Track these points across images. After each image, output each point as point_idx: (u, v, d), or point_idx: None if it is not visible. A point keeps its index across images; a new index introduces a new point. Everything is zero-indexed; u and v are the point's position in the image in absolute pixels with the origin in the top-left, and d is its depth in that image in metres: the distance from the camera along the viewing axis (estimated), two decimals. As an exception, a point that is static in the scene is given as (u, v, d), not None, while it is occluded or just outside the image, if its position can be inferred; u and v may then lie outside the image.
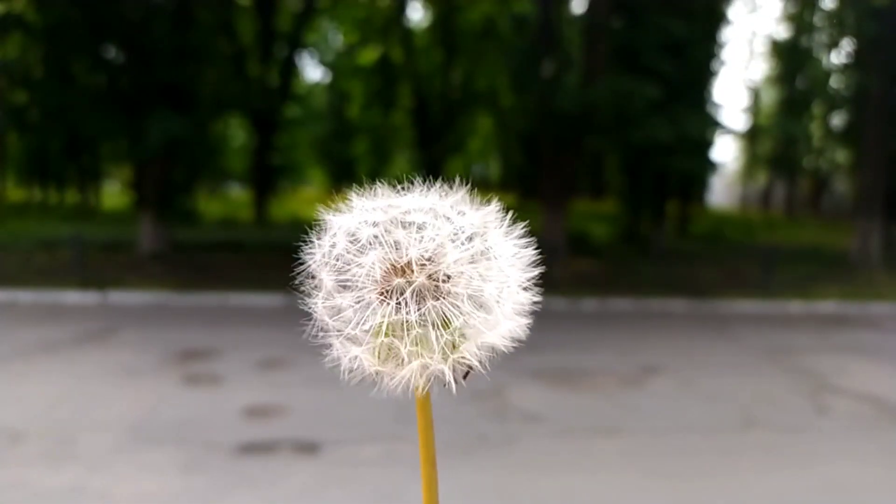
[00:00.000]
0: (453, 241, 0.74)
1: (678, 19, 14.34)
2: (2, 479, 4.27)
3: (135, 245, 14.92)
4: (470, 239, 0.74)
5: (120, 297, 10.70)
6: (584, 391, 6.49)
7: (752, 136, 36.11)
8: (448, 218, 0.75)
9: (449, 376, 0.72)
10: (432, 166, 26.11)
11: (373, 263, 0.73)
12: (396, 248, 0.73)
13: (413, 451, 4.78)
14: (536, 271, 0.75)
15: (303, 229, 0.80)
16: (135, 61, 13.96)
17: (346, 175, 45.30)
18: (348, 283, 0.74)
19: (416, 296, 0.71)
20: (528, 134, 22.99)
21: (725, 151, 70.16)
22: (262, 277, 12.14)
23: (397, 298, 0.71)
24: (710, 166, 17.81)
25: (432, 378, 0.71)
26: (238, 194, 39.53)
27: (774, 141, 33.55)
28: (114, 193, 35.65)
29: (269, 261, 14.22)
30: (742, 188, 42.46)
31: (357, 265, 0.73)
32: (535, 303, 0.75)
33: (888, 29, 15.19)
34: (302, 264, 0.78)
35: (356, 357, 0.72)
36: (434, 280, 0.71)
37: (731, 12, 34.87)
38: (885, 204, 16.24)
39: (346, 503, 4.08)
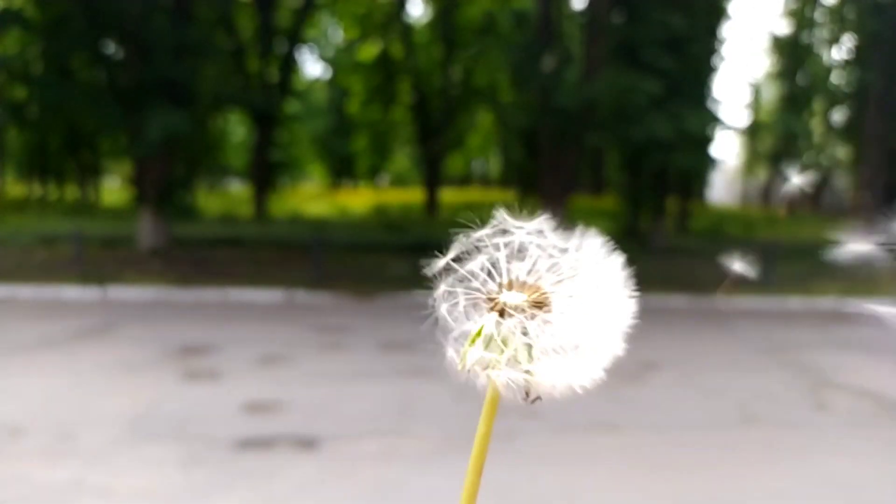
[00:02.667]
0: (563, 276, 0.77)
1: (678, 15, 14.32)
2: (2, 473, 4.27)
3: (134, 241, 14.92)
4: (581, 279, 0.77)
5: (119, 292, 10.70)
6: (583, 387, 6.49)
7: (752, 132, 36.09)
8: (565, 254, 0.78)
9: (521, 394, 0.75)
10: (432, 162, 26.12)
11: (481, 270, 0.76)
12: (505, 268, 0.76)
13: (412, 446, 4.79)
14: (632, 321, 0.79)
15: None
16: (134, 57, 13.94)
17: (345, 171, 45.33)
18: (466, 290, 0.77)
19: (518, 314, 0.73)
20: (527, 130, 22.96)
21: (725, 148, 70.13)
22: (262, 273, 12.15)
23: (501, 308, 0.74)
24: (710, 162, 17.81)
25: (508, 389, 0.74)
26: (238, 190, 39.52)
27: (775, 137, 33.53)
28: (113, 189, 35.63)
29: (269, 257, 14.22)
30: (742, 184, 42.45)
31: (470, 272, 0.77)
32: (618, 356, 0.78)
33: (888, 25, 15.17)
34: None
35: (451, 355, 0.76)
36: (537, 305, 0.74)
37: (732, 8, 34.81)
38: (884, 199, 16.25)
39: (345, 498, 4.09)
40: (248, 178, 32.89)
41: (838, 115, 28.89)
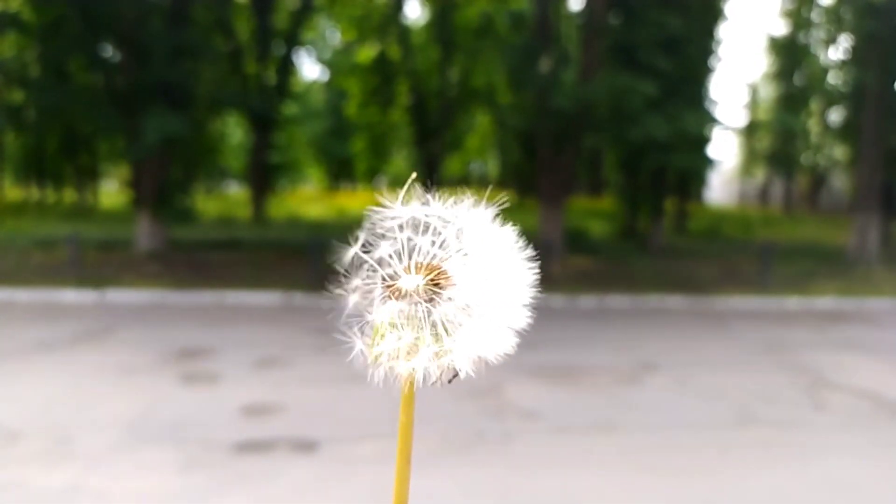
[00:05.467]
0: (460, 251, 0.77)
1: (675, 16, 14.34)
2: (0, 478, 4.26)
3: (132, 244, 14.90)
4: (479, 252, 0.77)
5: (117, 295, 10.68)
6: (582, 388, 6.49)
7: (749, 133, 36.14)
8: (459, 228, 0.78)
9: (436, 377, 0.74)
10: (430, 164, 26.13)
11: (380, 262, 0.77)
12: (405, 251, 0.77)
13: (412, 448, 4.78)
14: (534, 291, 0.78)
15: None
16: (131, 60, 13.93)
17: (344, 173, 45.32)
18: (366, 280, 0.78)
19: (417, 298, 0.74)
20: (525, 131, 22.97)
21: (723, 148, 70.19)
22: (260, 276, 12.14)
23: (401, 296, 0.74)
24: (708, 163, 17.81)
25: (419, 377, 0.73)
26: (236, 193, 39.51)
27: (772, 137, 33.58)
28: (111, 192, 35.61)
29: (267, 259, 14.21)
30: (740, 185, 42.50)
31: (369, 263, 0.77)
32: (528, 322, 0.77)
33: (886, 25, 15.20)
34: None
35: (360, 349, 0.75)
36: (435, 285, 0.74)
37: (729, 8, 34.88)
38: (882, 200, 16.27)
39: (343, 501, 4.08)
40: (246, 181, 32.90)
41: (835, 115, 28.92)
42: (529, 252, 0.80)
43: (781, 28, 34.96)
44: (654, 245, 17.57)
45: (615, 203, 22.87)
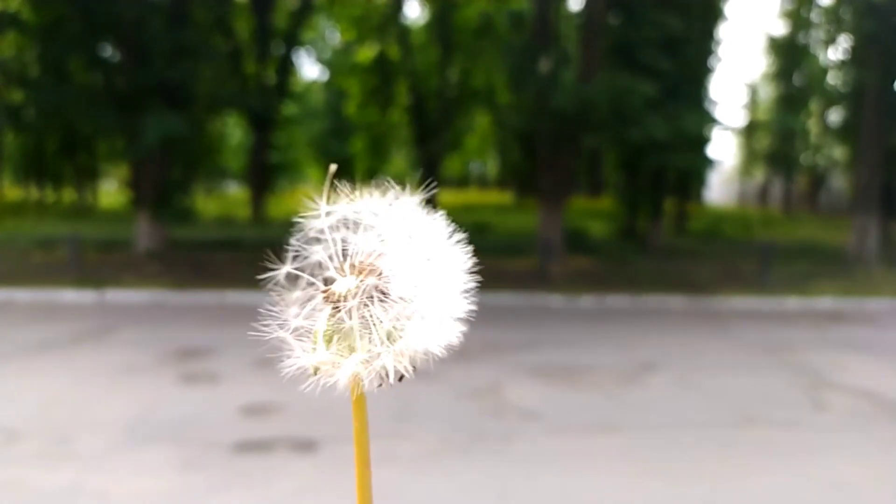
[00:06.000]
0: (394, 245, 0.75)
1: (675, 16, 14.34)
2: (-1, 478, 4.26)
3: (132, 244, 14.89)
4: (411, 244, 0.76)
5: (117, 295, 10.68)
6: (582, 388, 6.49)
7: (749, 133, 36.15)
8: (391, 221, 0.77)
9: (390, 375, 0.72)
10: (430, 164, 26.12)
11: (316, 262, 0.76)
12: (341, 249, 0.75)
13: (409, 449, 4.78)
14: (472, 281, 0.76)
15: (300, 227, 0.82)
16: (131, 59, 13.92)
17: (343, 173, 45.28)
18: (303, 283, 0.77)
19: (354, 297, 0.72)
20: (525, 131, 22.96)
21: (723, 148, 70.21)
22: (260, 276, 12.11)
23: (337, 298, 0.72)
24: (708, 163, 17.82)
25: (369, 378, 0.72)
26: (235, 192, 39.49)
27: (772, 137, 33.58)
28: (110, 192, 35.60)
29: (267, 259, 14.18)
30: (739, 185, 42.51)
31: (306, 265, 0.76)
32: (469, 311, 0.76)
33: (885, 25, 15.20)
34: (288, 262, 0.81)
35: (298, 355, 0.75)
36: (373, 282, 0.73)
37: (728, 9, 34.89)
38: (881, 200, 16.27)
39: (343, 501, 4.08)
40: (245, 181, 32.88)
41: (835, 116, 28.93)
42: (461, 236, 0.79)
43: (781, 28, 35.00)
44: (653, 245, 17.57)
45: (615, 203, 22.86)
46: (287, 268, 0.78)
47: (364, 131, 35.55)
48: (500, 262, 13.99)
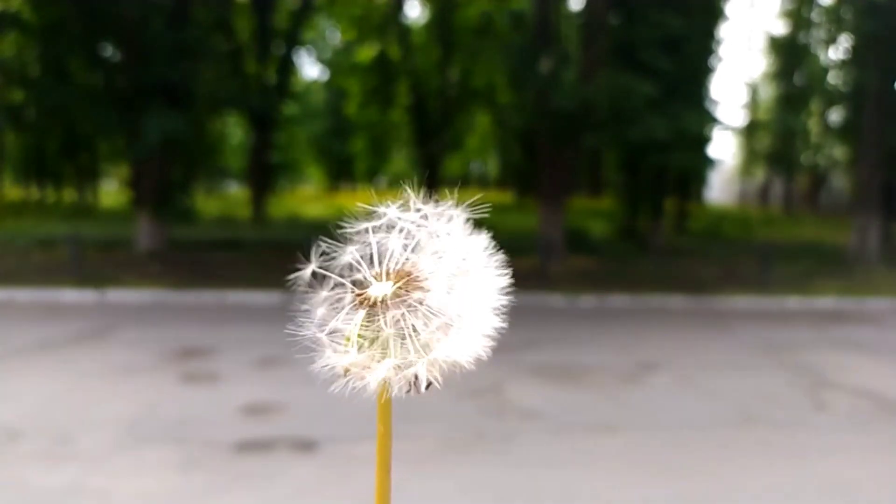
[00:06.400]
0: (433, 256, 0.76)
1: (676, 15, 14.33)
2: (0, 477, 4.27)
3: (132, 243, 14.90)
4: (452, 258, 0.76)
5: (118, 295, 10.68)
6: (583, 388, 6.49)
7: (750, 133, 36.13)
8: (434, 234, 0.77)
9: (422, 383, 0.73)
10: (430, 163, 26.13)
11: (346, 264, 0.76)
12: (379, 256, 0.75)
13: (410, 448, 4.78)
14: (507, 299, 0.77)
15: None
16: (132, 59, 13.93)
17: (344, 173, 45.32)
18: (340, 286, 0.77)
19: (390, 304, 0.72)
20: (525, 131, 22.98)
21: (723, 148, 70.19)
22: (261, 275, 12.13)
23: (371, 304, 0.72)
24: (708, 163, 17.81)
25: (395, 385, 0.72)
26: (236, 192, 39.48)
27: (772, 137, 33.56)
28: (111, 192, 35.59)
29: (268, 259, 14.20)
30: (740, 184, 42.49)
31: (338, 268, 0.76)
32: (501, 327, 0.77)
33: (886, 25, 15.19)
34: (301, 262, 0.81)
35: (329, 357, 0.75)
36: (408, 291, 0.73)
37: (729, 8, 34.88)
38: (882, 200, 16.26)
39: (344, 500, 4.08)
40: (246, 181, 32.88)
41: (836, 115, 28.91)
42: (501, 256, 0.80)
43: (781, 28, 34.96)
44: (654, 245, 17.57)
45: (615, 203, 22.87)
46: (313, 266, 0.77)
47: (364, 131, 35.57)
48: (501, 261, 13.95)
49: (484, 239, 0.79)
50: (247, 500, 4.05)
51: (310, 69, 49.76)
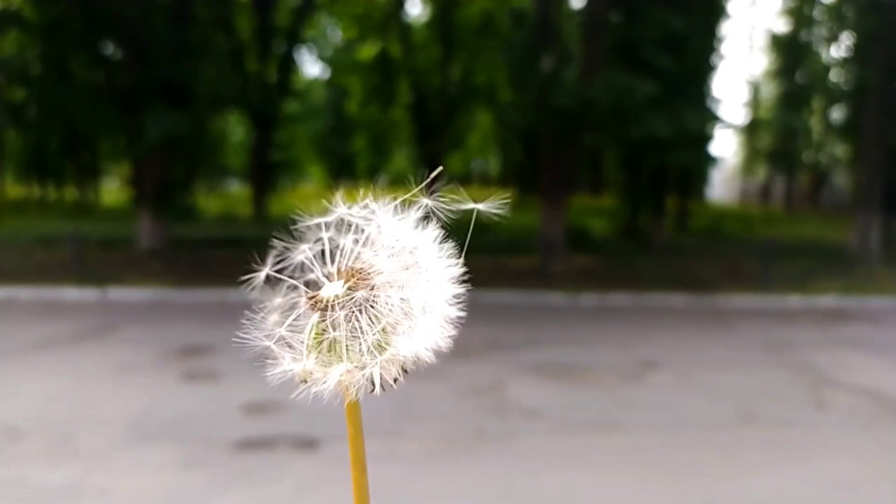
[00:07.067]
0: (386, 251, 0.75)
1: (677, 14, 14.31)
2: (1, 475, 4.27)
3: (134, 242, 14.91)
4: (402, 251, 0.76)
5: (119, 293, 10.69)
6: (584, 386, 6.49)
7: (751, 131, 36.09)
8: (383, 227, 0.77)
9: (375, 383, 0.72)
10: (431, 162, 26.11)
11: (299, 264, 0.75)
12: (329, 251, 0.75)
13: (411, 447, 4.78)
14: (462, 289, 0.76)
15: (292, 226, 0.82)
16: (132, 58, 13.93)
17: (345, 171, 45.32)
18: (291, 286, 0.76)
19: (341, 305, 0.72)
20: (526, 129, 22.93)
21: (725, 146, 70.14)
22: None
23: (325, 305, 0.72)
24: (710, 161, 17.82)
25: (359, 385, 0.72)
26: (237, 191, 39.49)
27: (774, 135, 33.53)
28: (112, 190, 35.61)
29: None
30: (741, 183, 42.46)
31: (290, 268, 0.76)
32: (459, 318, 0.76)
33: (888, 23, 15.17)
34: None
35: (285, 363, 0.74)
36: (362, 288, 0.72)
37: (730, 6, 34.83)
38: (884, 198, 16.24)
39: (344, 499, 4.07)
40: (247, 179, 32.89)
41: (837, 114, 28.87)
42: (451, 247, 0.79)
43: (783, 26, 34.90)
44: (655, 243, 17.56)
45: (616, 201, 22.85)
46: (267, 270, 0.77)
47: (365, 129, 35.56)
48: (502, 260, 13.99)
49: (434, 230, 0.77)
50: (247, 498, 4.05)
51: (311, 67, 49.83)
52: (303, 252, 0.76)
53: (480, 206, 0.79)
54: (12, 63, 16.54)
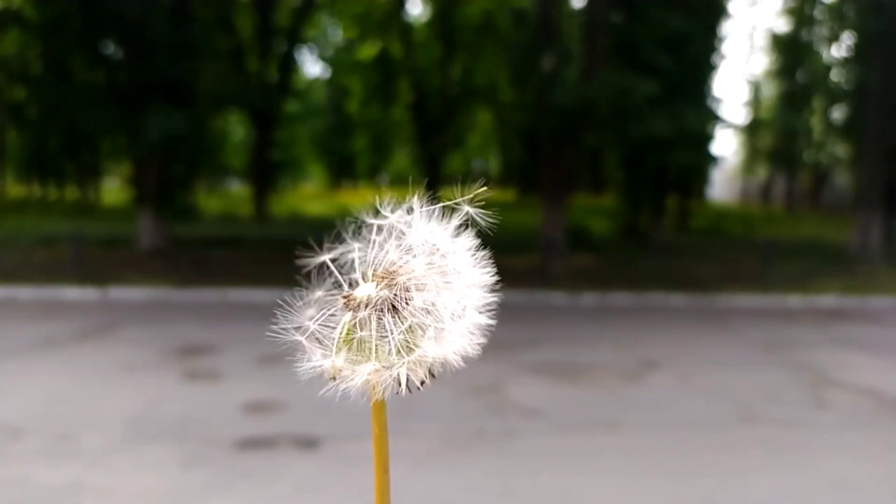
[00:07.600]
0: (420, 256, 0.76)
1: (678, 13, 14.30)
2: (1, 475, 4.27)
3: (134, 241, 14.91)
4: (437, 257, 0.77)
5: (119, 293, 10.69)
6: (584, 386, 6.49)
7: (752, 130, 36.08)
8: (421, 232, 0.78)
9: (402, 384, 0.73)
10: (432, 161, 26.13)
11: (350, 261, 0.77)
12: (370, 257, 0.76)
13: (412, 446, 4.78)
14: (494, 298, 0.78)
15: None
16: (133, 57, 13.93)
17: (345, 170, 45.33)
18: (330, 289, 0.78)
19: (377, 304, 0.73)
20: (527, 129, 22.96)
21: (725, 146, 70.09)
22: (262, 273, 12.14)
23: (359, 304, 0.73)
24: (710, 160, 17.79)
25: (386, 385, 0.73)
26: (237, 190, 39.50)
27: (774, 135, 33.52)
28: (113, 190, 35.61)
29: (269, 256, 14.21)
30: (742, 182, 42.44)
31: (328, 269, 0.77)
32: (489, 327, 0.77)
33: (888, 23, 15.16)
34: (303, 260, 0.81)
35: (317, 359, 0.75)
36: (396, 290, 0.73)
37: (731, 6, 34.81)
38: (884, 197, 16.24)
39: (345, 498, 4.09)
40: (247, 178, 32.89)
41: (838, 113, 28.88)
42: (487, 255, 0.81)
43: (784, 25, 34.90)
44: (655, 243, 17.56)
45: (617, 201, 22.86)
46: (325, 257, 0.78)
47: (366, 129, 35.59)
48: (502, 259, 13.90)
49: (470, 238, 0.79)
50: (248, 497, 4.05)
51: (311, 67, 49.85)
52: (353, 251, 0.77)
53: (472, 210, 0.80)
54: (12, 63, 16.55)
